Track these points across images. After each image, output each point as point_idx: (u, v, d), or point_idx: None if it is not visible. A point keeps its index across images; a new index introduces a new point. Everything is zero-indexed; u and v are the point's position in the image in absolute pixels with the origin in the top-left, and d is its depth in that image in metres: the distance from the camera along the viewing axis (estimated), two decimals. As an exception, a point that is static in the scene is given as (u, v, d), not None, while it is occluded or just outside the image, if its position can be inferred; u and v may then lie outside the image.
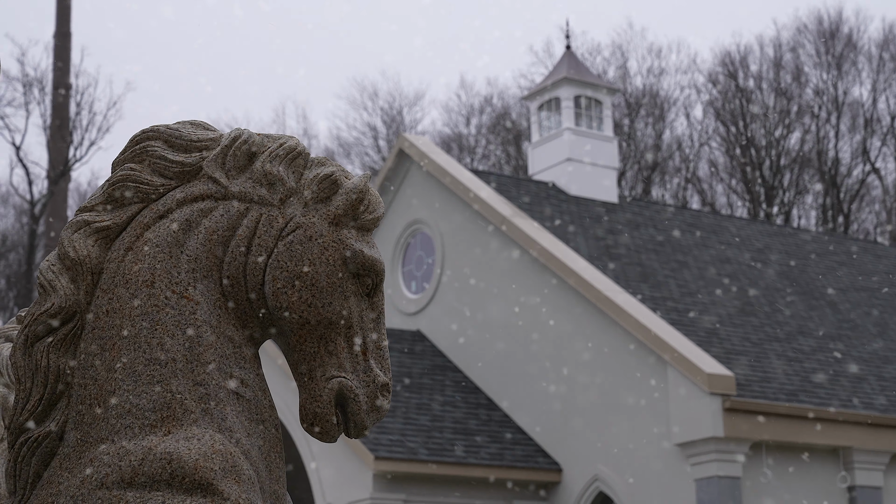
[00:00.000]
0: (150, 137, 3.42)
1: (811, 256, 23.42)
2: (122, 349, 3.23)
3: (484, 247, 20.39)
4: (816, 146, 43.28)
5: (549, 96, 22.94)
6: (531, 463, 18.49)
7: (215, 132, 3.46)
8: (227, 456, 3.10)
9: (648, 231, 21.89)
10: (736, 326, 19.06)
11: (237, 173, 3.40)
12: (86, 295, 3.32)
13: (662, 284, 19.78)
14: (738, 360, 17.87)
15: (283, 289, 3.31)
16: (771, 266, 22.25)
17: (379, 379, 3.36)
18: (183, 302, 3.27)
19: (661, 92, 44.88)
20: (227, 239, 3.34)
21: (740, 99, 43.54)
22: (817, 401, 17.45)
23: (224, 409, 3.21)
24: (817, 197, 44.35)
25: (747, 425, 16.74)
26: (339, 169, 3.44)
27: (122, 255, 3.33)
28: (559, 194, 22.18)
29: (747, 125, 43.40)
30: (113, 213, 3.37)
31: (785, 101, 43.22)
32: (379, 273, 3.40)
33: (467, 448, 18.29)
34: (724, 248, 22.38)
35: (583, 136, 22.49)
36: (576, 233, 20.71)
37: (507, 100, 47.33)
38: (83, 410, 3.23)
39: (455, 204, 21.02)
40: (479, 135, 46.56)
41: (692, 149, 44.98)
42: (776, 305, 20.48)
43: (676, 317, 18.65)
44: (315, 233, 3.35)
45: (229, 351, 3.28)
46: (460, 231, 20.91)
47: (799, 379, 17.96)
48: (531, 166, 23.19)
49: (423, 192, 21.68)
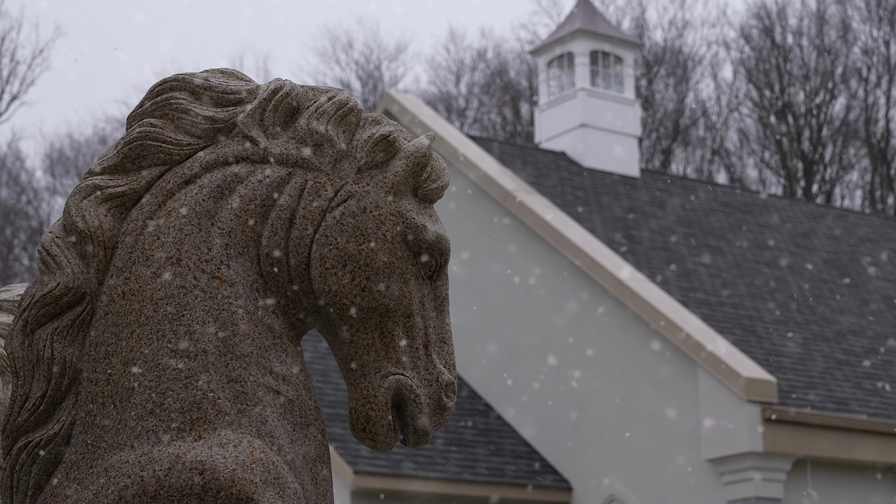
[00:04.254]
0: (173, 88, 3.39)
1: (865, 243, 23.50)
2: (141, 338, 3.20)
3: (483, 227, 20.39)
4: (864, 115, 43.44)
5: (560, 51, 22.94)
6: (537, 480, 18.53)
7: (251, 83, 3.44)
8: (268, 466, 3.09)
9: (675, 210, 21.93)
10: (777, 323, 19.12)
11: (278, 132, 3.38)
12: (97, 273, 3.29)
13: (692, 273, 19.82)
14: (779, 363, 17.94)
15: (333, 269, 3.30)
16: (817, 253, 22.32)
17: (443, 377, 3.35)
18: (214, 283, 3.25)
19: (684, 49, 44.95)
20: (266, 210, 3.33)
21: (777, 58, 43.65)
22: (871, 411, 17.53)
23: (264, 410, 3.20)
24: (864, 174, 44.54)
25: (790, 439, 16.82)
26: (398, 129, 3.42)
27: (140, 227, 3.30)
28: (571, 166, 22.19)
29: (784, 89, 43.52)
30: (130, 177, 3.34)
31: (828, 62, 43.34)
32: (444, 252, 3.40)
33: (462, 462, 18.31)
34: (763, 231, 22.45)
35: (600, 99, 22.50)
36: (590, 211, 20.73)
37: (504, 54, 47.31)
38: (94, 411, 3.21)
39: (450, 176, 21.03)
40: (470, 95, 46.57)
41: (720, 116, 45.09)
42: (824, 299, 20.55)
43: (708, 311, 18.70)
44: (370, 203, 3.34)
45: (268, 342, 3.27)
46: (456, 208, 20.91)
47: (850, 385, 18.04)
48: (538, 132, 23.20)
49: (411, 162, 21.67)
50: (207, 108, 3.37)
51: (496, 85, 45.81)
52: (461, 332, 20.52)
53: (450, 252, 3.40)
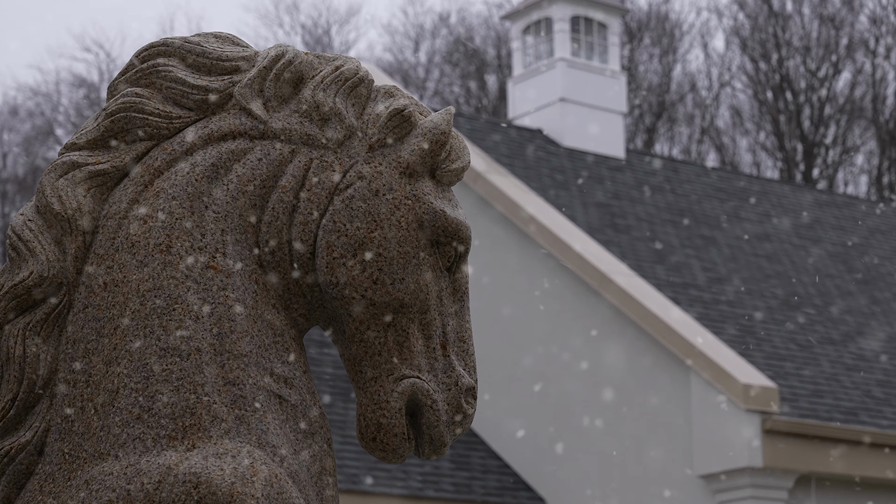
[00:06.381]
0: (161, 53, 3.39)
1: (876, 235, 23.66)
2: (126, 335, 3.21)
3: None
4: (871, 91, 43.69)
5: (537, 16, 22.97)
6: (509, 497, 18.57)
7: (248, 49, 3.45)
8: (270, 479, 3.10)
9: (665, 196, 22.02)
10: (779, 323, 19.22)
11: (279, 104, 3.38)
12: (75, 262, 3.29)
13: (683, 266, 19.91)
14: (781, 368, 18.03)
15: (341, 259, 3.31)
16: (822, 245, 22.46)
17: (463, 381, 3.37)
18: (209, 273, 3.26)
19: (671, 15, 45.11)
20: (266, 191, 3.34)
21: (774, 27, 43.85)
22: (884, 422, 17.65)
23: (264, 416, 3.21)
24: (870, 157, 44.82)
25: (793, 452, 16.90)
26: (414, 102, 3.43)
27: (125, 210, 3.30)
28: (549, 145, 22.23)
29: (782, 62, 43.74)
30: (112, 154, 3.34)
31: (832, 31, 43.58)
32: (465, 241, 3.41)
33: (426, 477, 18.34)
34: (763, 220, 22.56)
35: (581, 70, 22.54)
36: (570, 196, 20.78)
37: (469, 19, 47.37)
38: (72, 416, 3.21)
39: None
40: (430, 64, 46.58)
41: (710, 91, 45.29)
42: (830, 297, 20.68)
43: (702, 309, 18.78)
44: (382, 185, 3.35)
45: (269, 340, 3.28)
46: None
47: (859, 393, 18.15)
48: (512, 107, 23.23)
49: (369, 139, 21.66)
50: (200, 77, 3.37)
51: (460, 54, 45.85)
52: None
53: (471, 241, 3.41)
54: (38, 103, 47.46)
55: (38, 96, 47.97)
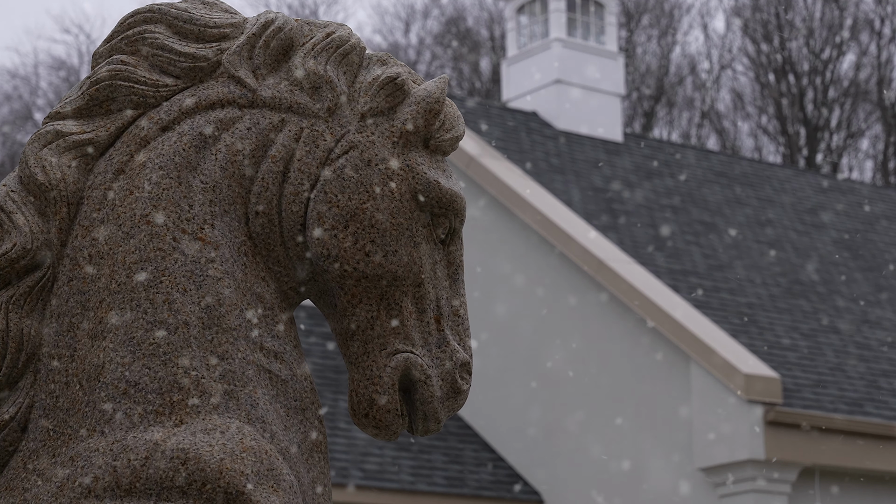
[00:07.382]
0: (147, 20, 3.40)
1: (882, 221, 23.69)
2: (112, 308, 3.22)
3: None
4: (876, 73, 43.72)
5: (532, -6, 22.96)
6: (503, 491, 18.59)
7: (237, 15, 3.46)
8: (260, 455, 3.12)
9: (664, 181, 22.03)
10: (781, 312, 19.25)
11: (269, 72, 3.40)
12: (59, 233, 3.30)
13: (683, 253, 19.92)
14: (784, 358, 18.05)
15: (332, 231, 3.33)
16: (826, 232, 22.48)
17: (458, 355, 3.38)
18: (197, 245, 3.27)
19: (670, -6, 45.05)
20: (256, 161, 3.35)
21: (776, 7, 43.85)
22: (889, 413, 17.68)
23: (254, 392, 3.22)
24: (875, 141, 44.86)
25: (796, 444, 16.93)
26: (407, 70, 3.45)
27: (110, 180, 3.32)
28: (544, 128, 22.24)
29: (784, 43, 43.74)
30: (97, 123, 3.35)
31: (836, 11, 43.59)
32: (459, 212, 3.43)
33: (416, 470, 18.35)
34: (765, 206, 22.58)
35: (578, 51, 22.54)
36: (566, 180, 20.79)
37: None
38: (57, 391, 3.22)
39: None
40: (422, 46, 46.54)
41: (710, 74, 45.30)
42: (834, 285, 20.70)
43: (703, 298, 18.80)
44: (374, 155, 3.37)
45: (258, 313, 3.29)
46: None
47: (864, 384, 18.18)
48: (506, 89, 23.22)
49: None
50: (188, 44, 3.38)
51: (452, 34, 45.81)
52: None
53: (465, 212, 3.43)
54: (16, 86, 47.41)
55: (16, 79, 47.91)
